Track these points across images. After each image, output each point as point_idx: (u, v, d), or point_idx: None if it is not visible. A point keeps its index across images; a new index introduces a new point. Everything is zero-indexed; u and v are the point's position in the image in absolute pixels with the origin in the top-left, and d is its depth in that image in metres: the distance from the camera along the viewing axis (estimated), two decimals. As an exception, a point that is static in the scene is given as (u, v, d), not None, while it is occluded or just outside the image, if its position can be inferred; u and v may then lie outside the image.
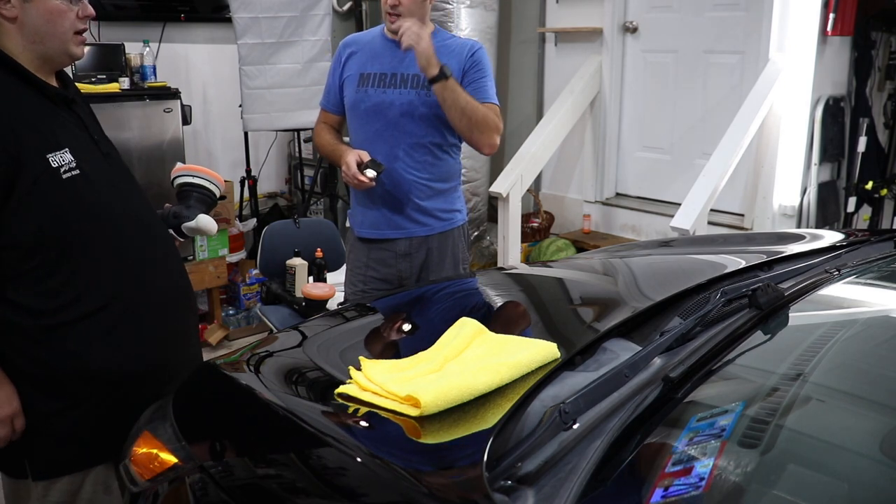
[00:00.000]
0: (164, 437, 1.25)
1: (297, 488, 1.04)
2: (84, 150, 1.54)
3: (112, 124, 3.52)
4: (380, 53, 2.20)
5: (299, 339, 1.60)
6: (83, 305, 1.52)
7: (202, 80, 4.33)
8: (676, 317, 1.28)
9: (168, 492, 1.18)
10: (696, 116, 3.98)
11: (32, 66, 1.49)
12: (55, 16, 1.47)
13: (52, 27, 1.48)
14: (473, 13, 4.14)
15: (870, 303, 1.49)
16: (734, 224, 3.75)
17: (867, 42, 3.48)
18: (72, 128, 1.55)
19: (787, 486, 0.91)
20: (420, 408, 1.06)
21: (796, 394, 1.12)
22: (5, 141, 1.41)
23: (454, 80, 2.05)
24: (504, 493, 0.87)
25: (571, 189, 4.61)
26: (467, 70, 2.15)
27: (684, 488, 0.89)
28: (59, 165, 1.46)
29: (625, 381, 1.10)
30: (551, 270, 1.93)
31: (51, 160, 1.45)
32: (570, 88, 4.20)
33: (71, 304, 1.51)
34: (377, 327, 1.66)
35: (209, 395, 1.34)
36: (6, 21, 1.45)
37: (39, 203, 1.45)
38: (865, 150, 3.55)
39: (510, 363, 1.17)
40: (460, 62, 2.14)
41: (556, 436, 0.97)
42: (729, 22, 3.76)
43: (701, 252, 1.98)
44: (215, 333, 4.00)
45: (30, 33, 1.47)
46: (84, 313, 1.52)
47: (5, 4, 1.43)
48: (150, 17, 4.04)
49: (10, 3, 1.43)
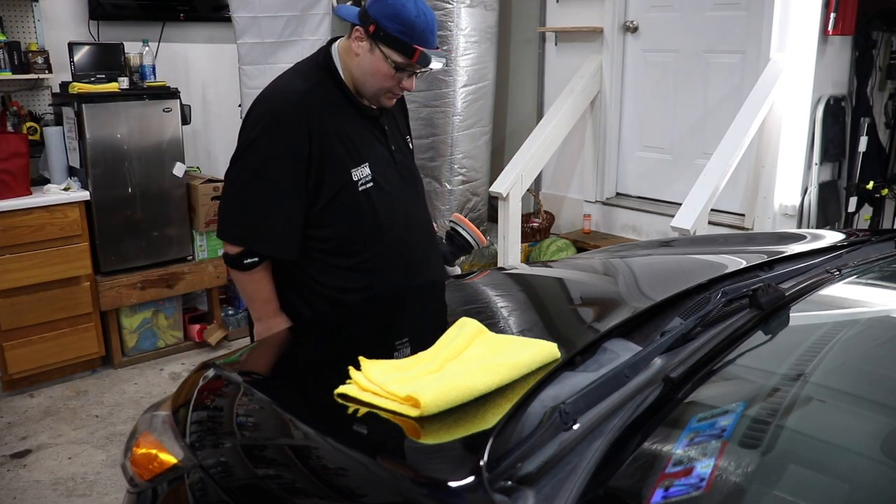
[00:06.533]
0: (164, 437, 1.25)
1: (296, 489, 1.04)
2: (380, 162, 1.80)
3: (111, 124, 3.52)
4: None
5: (299, 339, 1.60)
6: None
7: (202, 79, 4.32)
8: (677, 317, 1.28)
9: (167, 492, 1.18)
10: (696, 116, 3.98)
11: (355, 91, 1.77)
12: (380, 73, 1.71)
13: (373, 79, 1.72)
14: (473, 13, 4.14)
15: (871, 303, 1.48)
16: (735, 224, 3.75)
17: (868, 41, 3.47)
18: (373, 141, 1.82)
19: (788, 486, 0.90)
20: (420, 408, 1.05)
21: (797, 394, 1.12)
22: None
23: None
24: (504, 494, 0.86)
25: (572, 189, 4.61)
26: None
27: (685, 489, 0.89)
28: (359, 179, 1.75)
29: (625, 381, 1.09)
30: (551, 270, 1.93)
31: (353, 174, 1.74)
32: (571, 88, 4.20)
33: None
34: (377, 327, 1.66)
35: (208, 396, 1.34)
36: (353, 54, 1.73)
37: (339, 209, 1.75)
38: (866, 149, 3.55)
39: (510, 363, 1.16)
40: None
41: (556, 436, 0.97)
42: (730, 21, 3.76)
43: (701, 252, 1.97)
44: (215, 333, 3.99)
45: (359, 72, 1.73)
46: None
47: (359, 43, 1.70)
48: (149, 16, 4.03)
49: (363, 44, 1.70)
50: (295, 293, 1.84)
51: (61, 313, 3.52)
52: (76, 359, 3.64)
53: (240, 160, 1.74)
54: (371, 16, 1.67)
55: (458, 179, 4.32)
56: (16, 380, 3.51)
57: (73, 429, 3.21)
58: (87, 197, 3.50)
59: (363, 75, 1.73)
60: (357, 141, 1.76)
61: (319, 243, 1.78)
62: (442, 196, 4.33)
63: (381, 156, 1.81)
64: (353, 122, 1.77)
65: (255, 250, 1.76)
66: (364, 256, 1.80)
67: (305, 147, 1.69)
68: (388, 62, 1.68)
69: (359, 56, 1.71)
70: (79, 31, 3.85)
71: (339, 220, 1.76)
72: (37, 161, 3.67)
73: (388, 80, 1.72)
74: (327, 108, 1.72)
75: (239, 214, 1.77)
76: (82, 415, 3.34)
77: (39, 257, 3.40)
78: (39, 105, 3.78)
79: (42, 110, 3.78)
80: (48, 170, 3.65)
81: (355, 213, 1.76)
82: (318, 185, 1.72)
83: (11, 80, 3.58)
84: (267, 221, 1.73)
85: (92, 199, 3.52)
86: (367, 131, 1.80)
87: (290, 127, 1.69)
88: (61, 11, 3.82)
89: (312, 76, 1.75)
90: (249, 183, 1.73)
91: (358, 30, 1.70)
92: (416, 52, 1.67)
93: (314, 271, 1.81)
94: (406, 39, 1.66)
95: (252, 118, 1.74)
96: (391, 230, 1.81)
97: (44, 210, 3.39)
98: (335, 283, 1.81)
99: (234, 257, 1.77)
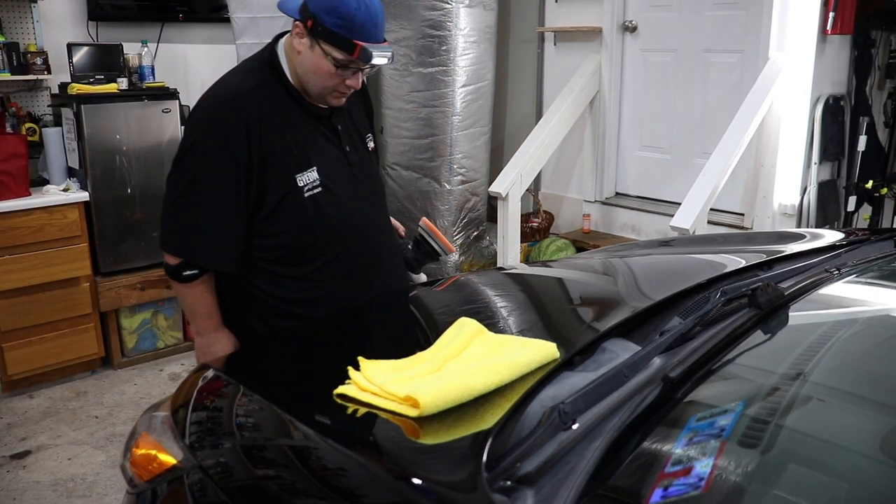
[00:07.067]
0: (163, 438, 1.25)
1: (296, 489, 1.04)
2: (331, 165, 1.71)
3: (110, 125, 3.52)
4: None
5: (298, 339, 1.59)
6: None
7: (201, 80, 4.32)
8: (676, 316, 1.28)
9: (167, 493, 1.18)
10: (695, 116, 3.98)
11: (301, 90, 1.68)
12: (321, 71, 1.61)
13: (316, 78, 1.63)
14: (472, 13, 4.14)
15: (870, 302, 1.48)
16: (734, 223, 3.75)
17: (867, 41, 3.48)
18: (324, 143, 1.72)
19: (787, 485, 0.90)
20: (419, 408, 1.05)
21: (796, 393, 1.12)
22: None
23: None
24: (503, 494, 0.86)
25: (571, 189, 4.61)
26: None
27: (684, 488, 0.89)
28: (305, 184, 1.66)
29: (624, 381, 1.09)
30: (551, 270, 1.93)
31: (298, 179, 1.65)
32: (570, 88, 4.20)
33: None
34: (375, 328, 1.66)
35: (208, 396, 1.34)
36: (296, 51, 1.63)
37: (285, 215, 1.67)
38: (865, 148, 3.55)
39: (509, 363, 1.16)
40: None
41: (555, 436, 0.97)
42: (728, 21, 3.76)
43: (701, 252, 1.97)
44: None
45: (301, 69, 1.64)
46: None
47: (300, 39, 1.60)
48: (148, 17, 4.03)
49: (303, 41, 1.60)
50: (243, 306, 1.76)
51: (61, 314, 3.52)
52: (76, 360, 3.64)
53: (179, 166, 1.65)
54: (310, 10, 1.56)
55: (458, 179, 4.32)
56: (15, 381, 3.51)
57: (73, 429, 3.21)
58: (86, 198, 3.50)
59: (305, 73, 1.63)
60: (304, 143, 1.66)
61: (265, 253, 1.69)
62: (441, 196, 4.33)
63: (333, 158, 1.72)
64: (300, 124, 1.67)
65: (192, 262, 1.67)
66: (314, 266, 1.71)
67: (244, 152, 1.59)
68: (328, 59, 1.57)
69: (300, 53, 1.61)
70: (77, 32, 3.85)
71: (286, 229, 1.66)
72: (36, 162, 3.67)
73: (331, 78, 1.60)
74: (270, 109, 1.63)
75: (177, 224, 1.67)
76: (82, 415, 3.34)
77: (39, 258, 3.40)
78: (38, 106, 3.78)
79: (41, 111, 3.78)
80: (47, 171, 3.65)
81: (302, 221, 1.66)
82: (260, 191, 1.63)
83: (10, 81, 3.58)
84: (205, 232, 1.64)
85: (91, 199, 3.52)
86: (317, 133, 1.70)
87: (228, 131, 1.59)
88: (60, 12, 3.82)
89: (255, 75, 1.65)
90: (187, 191, 1.64)
91: (297, 25, 1.60)
92: (357, 48, 1.55)
93: (261, 282, 1.72)
94: (345, 34, 1.54)
95: (192, 121, 1.65)
96: (343, 238, 1.72)
97: (43, 211, 3.39)
98: (283, 294, 1.72)
99: (174, 268, 1.68)
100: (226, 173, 1.60)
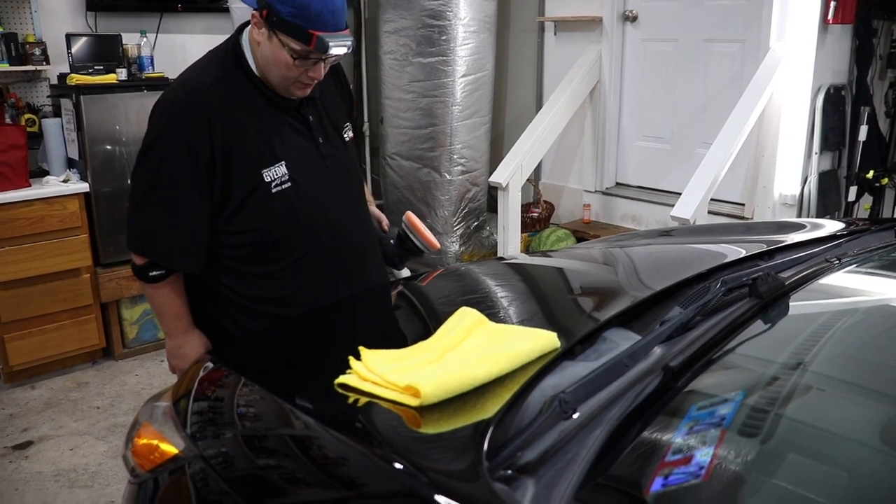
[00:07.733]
0: (165, 428, 1.25)
1: (297, 478, 1.04)
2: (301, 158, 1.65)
3: (109, 115, 3.51)
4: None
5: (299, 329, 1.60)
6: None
7: (200, 70, 4.32)
8: (676, 306, 1.28)
9: (169, 482, 1.18)
10: (696, 105, 3.97)
11: (266, 82, 1.62)
12: (280, 62, 1.55)
13: (275, 69, 1.57)
14: (472, 2, 4.12)
15: (870, 292, 1.48)
16: (735, 213, 3.75)
17: (868, 30, 3.46)
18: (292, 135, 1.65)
19: (787, 475, 0.91)
20: (420, 398, 1.06)
21: (796, 383, 1.12)
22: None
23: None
24: (504, 483, 0.87)
25: (571, 179, 4.61)
26: None
27: (684, 477, 0.89)
28: (272, 180, 1.61)
29: (625, 370, 1.09)
30: (551, 260, 1.93)
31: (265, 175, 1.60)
32: (570, 78, 4.18)
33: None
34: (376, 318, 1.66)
35: (209, 386, 1.34)
36: (256, 42, 1.58)
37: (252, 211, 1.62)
38: (866, 139, 3.54)
39: (510, 353, 1.17)
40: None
41: (556, 425, 0.97)
42: (729, 10, 3.74)
43: (701, 241, 1.97)
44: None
45: (262, 61, 1.59)
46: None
47: (258, 30, 1.55)
48: (147, 7, 4.01)
49: (261, 31, 1.54)
50: (213, 306, 1.72)
51: (62, 305, 3.53)
52: (77, 350, 3.65)
53: (141, 164, 1.60)
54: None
55: (458, 169, 4.32)
56: (17, 372, 3.51)
57: (75, 420, 3.22)
58: (86, 189, 3.50)
59: (266, 65, 1.57)
60: (270, 137, 1.60)
61: (233, 251, 1.65)
62: (441, 186, 4.33)
63: (303, 152, 1.65)
64: (267, 117, 1.61)
65: (157, 262, 1.63)
66: (284, 263, 1.66)
67: (207, 148, 1.54)
68: (286, 50, 1.51)
69: (260, 44, 1.56)
70: (76, 23, 3.84)
71: (254, 226, 1.62)
72: (35, 153, 3.66)
73: (291, 69, 1.54)
74: (234, 103, 1.57)
75: (140, 223, 1.62)
76: (83, 406, 3.35)
77: (39, 249, 3.40)
78: (37, 97, 3.77)
79: (40, 102, 3.77)
80: (47, 162, 3.64)
81: (271, 218, 1.61)
82: (225, 188, 1.58)
83: (9, 72, 3.56)
84: (168, 232, 1.60)
85: (91, 190, 3.51)
86: (285, 125, 1.63)
87: (189, 126, 1.54)
88: (58, 2, 3.80)
89: (218, 68, 1.60)
90: (150, 189, 1.59)
91: (255, 15, 1.54)
92: (313, 38, 1.48)
93: (230, 281, 1.68)
94: (301, 23, 1.48)
95: (153, 117, 1.60)
96: (314, 233, 1.67)
97: (43, 202, 3.39)
98: (253, 293, 1.68)
99: (140, 268, 1.64)
100: (188, 170, 1.55)
